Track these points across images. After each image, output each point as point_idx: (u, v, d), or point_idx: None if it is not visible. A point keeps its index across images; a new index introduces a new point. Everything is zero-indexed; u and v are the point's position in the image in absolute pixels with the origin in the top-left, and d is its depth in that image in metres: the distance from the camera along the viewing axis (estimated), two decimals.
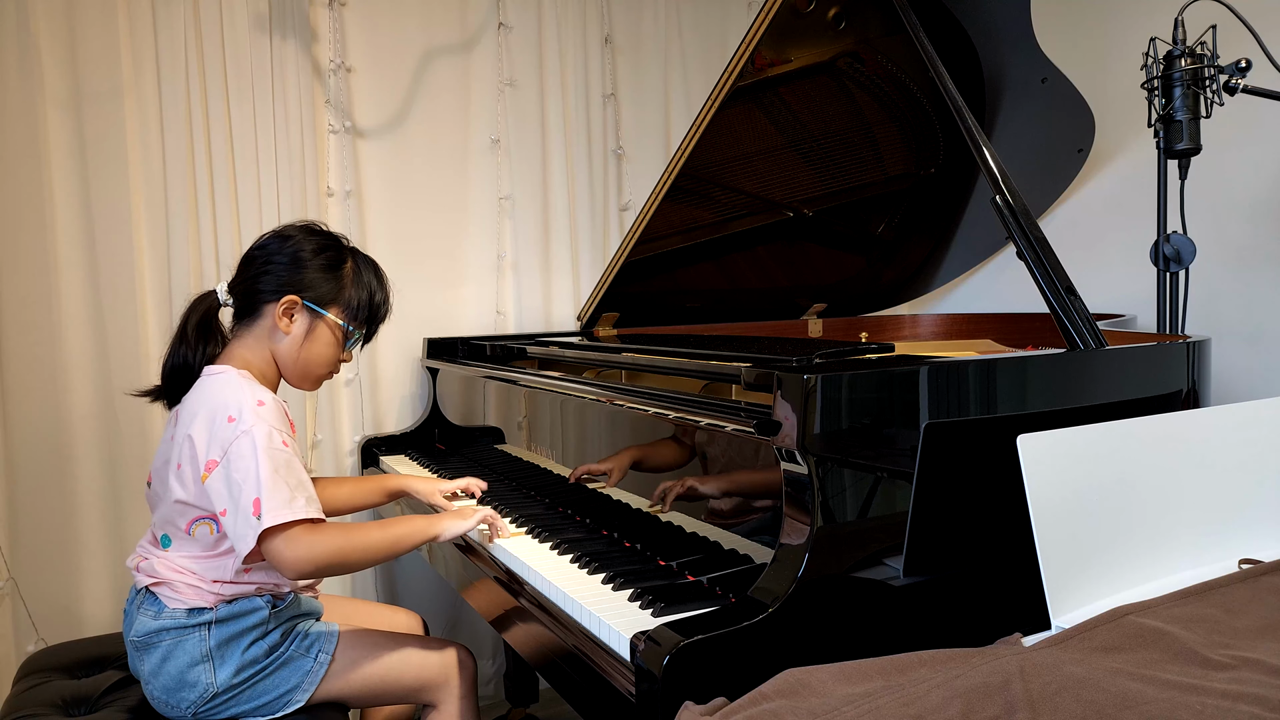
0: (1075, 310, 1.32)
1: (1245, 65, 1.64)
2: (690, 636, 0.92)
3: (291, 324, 1.35)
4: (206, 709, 1.29)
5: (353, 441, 2.32)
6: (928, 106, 1.99)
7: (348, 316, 1.39)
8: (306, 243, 1.36)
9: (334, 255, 1.38)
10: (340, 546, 1.25)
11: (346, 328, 1.39)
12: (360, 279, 1.40)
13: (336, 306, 1.38)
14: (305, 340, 1.36)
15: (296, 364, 1.37)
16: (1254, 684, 0.80)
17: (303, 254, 1.35)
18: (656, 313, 2.30)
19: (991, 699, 0.78)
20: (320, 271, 1.36)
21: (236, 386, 1.28)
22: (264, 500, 1.20)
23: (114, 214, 2.02)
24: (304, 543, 1.22)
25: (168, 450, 1.32)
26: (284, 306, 1.33)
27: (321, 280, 1.36)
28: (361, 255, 1.44)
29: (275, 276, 1.34)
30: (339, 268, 1.38)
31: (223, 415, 1.25)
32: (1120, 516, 1.10)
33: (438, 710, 1.43)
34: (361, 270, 1.41)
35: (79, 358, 1.98)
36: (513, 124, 2.50)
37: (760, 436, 1.07)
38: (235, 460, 1.22)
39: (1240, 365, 2.03)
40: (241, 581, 1.31)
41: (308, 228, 1.40)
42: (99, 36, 1.99)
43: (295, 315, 1.35)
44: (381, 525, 1.35)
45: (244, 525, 1.21)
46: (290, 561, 1.22)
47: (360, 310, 1.40)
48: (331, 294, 1.37)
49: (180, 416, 1.31)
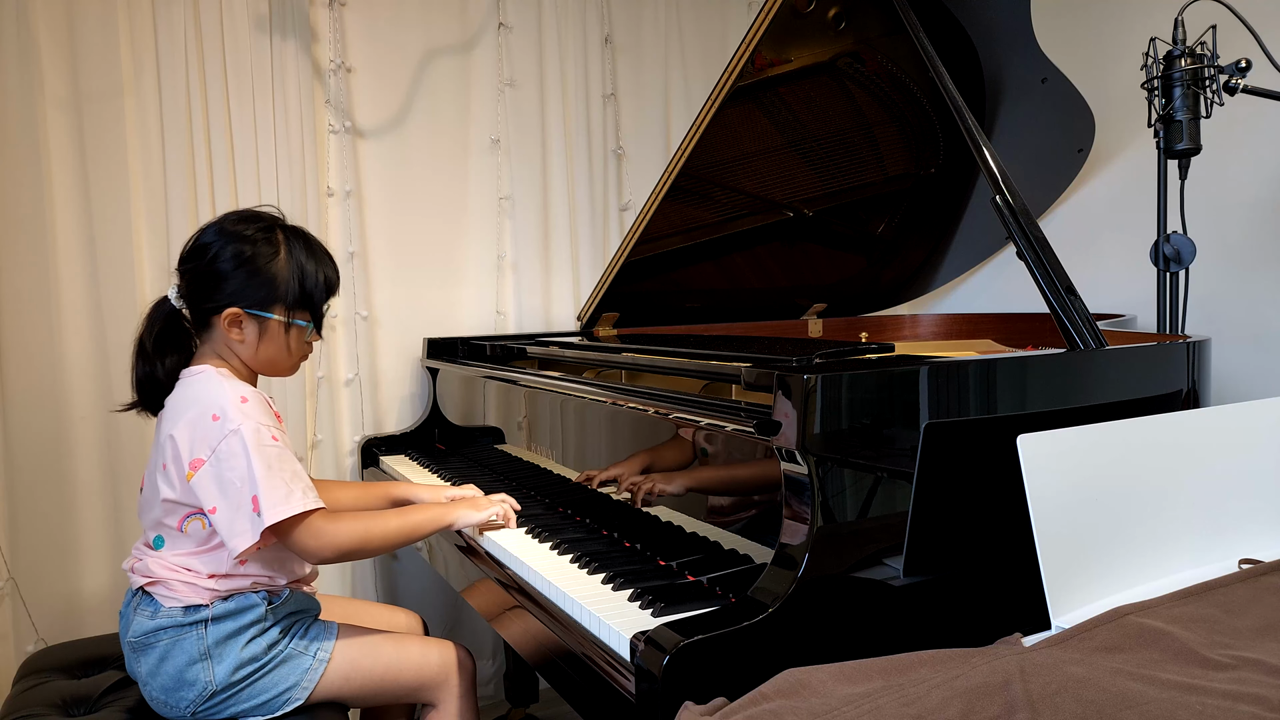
0: (1075, 310, 1.32)
1: (1245, 65, 1.64)
2: (690, 636, 0.92)
3: (242, 332, 1.33)
4: (206, 708, 1.29)
5: (353, 442, 2.32)
6: (928, 106, 1.99)
7: (288, 311, 1.35)
8: (228, 249, 1.31)
9: (257, 254, 1.32)
10: (361, 534, 1.32)
11: (293, 322, 1.36)
12: (291, 268, 1.34)
13: (277, 305, 1.34)
14: (260, 343, 1.35)
15: (260, 363, 1.38)
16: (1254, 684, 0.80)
17: (228, 264, 1.31)
18: (656, 313, 2.30)
19: (991, 699, 0.78)
20: (249, 278, 1.31)
21: (217, 384, 1.30)
22: (263, 498, 1.22)
23: (114, 214, 2.02)
24: (326, 531, 1.28)
25: (153, 452, 1.34)
26: (227, 319, 1.32)
27: (254, 286, 1.32)
28: (292, 237, 1.36)
29: (209, 290, 1.31)
30: (269, 266, 1.32)
31: (206, 414, 1.26)
32: (1120, 516, 1.10)
33: (437, 710, 1.43)
34: (292, 256, 1.35)
35: (79, 358, 1.98)
36: (513, 124, 2.50)
37: (760, 437, 1.07)
38: (226, 459, 1.24)
39: (1240, 365, 2.03)
40: (238, 574, 1.31)
41: (225, 231, 1.33)
42: (99, 36, 1.99)
43: (242, 323, 1.33)
44: (399, 513, 1.40)
45: (243, 522, 1.22)
46: (314, 550, 1.28)
47: (298, 299, 1.35)
48: (268, 295, 1.33)
49: (163, 418, 1.32)
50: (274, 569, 1.35)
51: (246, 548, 1.23)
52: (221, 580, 1.30)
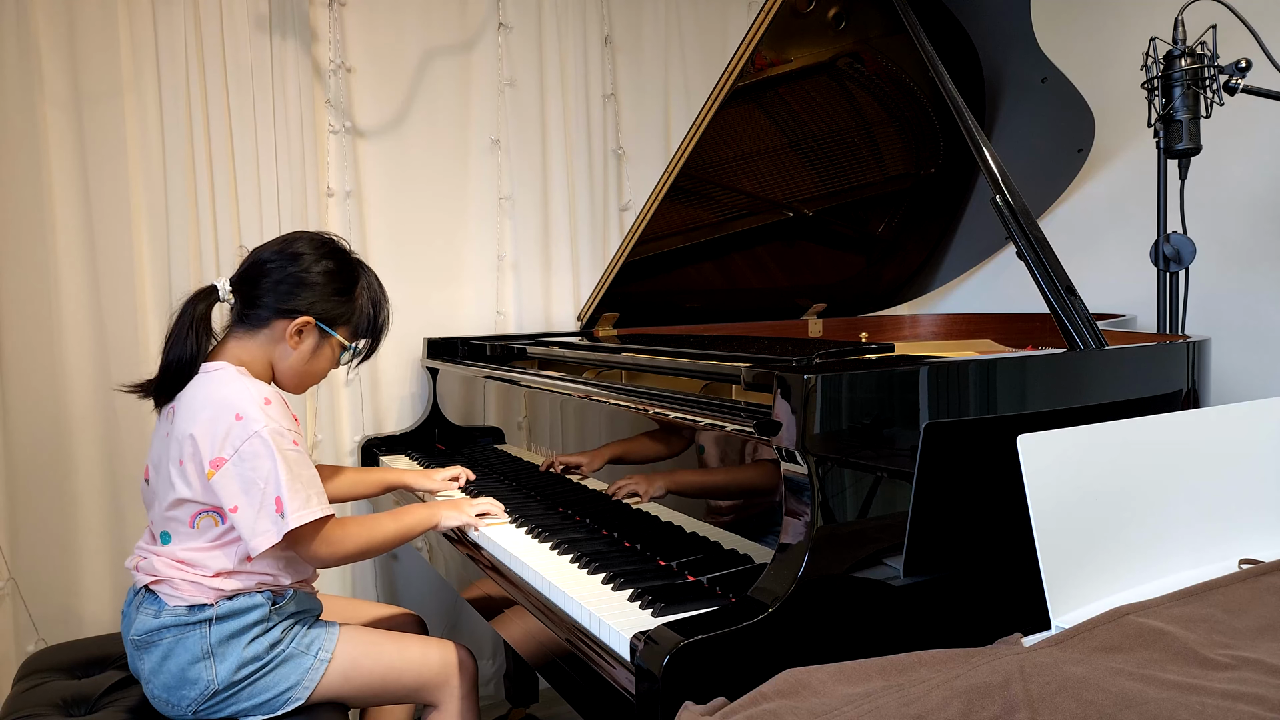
0: (1075, 310, 1.32)
1: (1245, 65, 1.64)
2: (690, 636, 0.92)
3: (301, 341, 1.38)
4: (207, 706, 1.29)
5: (353, 441, 2.32)
6: (928, 106, 1.99)
7: (352, 335, 1.44)
8: (322, 263, 1.38)
9: (348, 277, 1.42)
10: (365, 540, 1.38)
11: (351, 347, 1.45)
12: (370, 300, 1.45)
13: (345, 327, 1.43)
14: (312, 356, 1.40)
15: (296, 375, 1.41)
16: (1254, 684, 0.80)
17: (319, 277, 1.37)
18: (656, 313, 2.30)
19: (991, 699, 0.78)
20: (335, 295, 1.39)
21: (238, 383, 1.30)
22: (286, 501, 1.25)
23: (114, 214, 2.02)
24: (335, 538, 1.33)
25: (165, 447, 1.32)
26: (298, 326, 1.36)
27: (336, 304, 1.40)
28: (367, 271, 1.47)
29: (290, 294, 1.36)
30: (352, 290, 1.42)
31: (228, 413, 1.26)
32: (1120, 516, 1.10)
33: (438, 710, 1.43)
34: (369, 289, 1.45)
35: (79, 358, 1.98)
36: (513, 124, 2.50)
37: (760, 437, 1.07)
38: (250, 460, 1.25)
39: (1240, 365, 2.03)
40: (244, 571, 1.32)
41: (322, 245, 1.40)
42: (99, 36, 1.99)
43: (305, 333, 1.38)
44: (393, 516, 1.45)
45: (265, 522, 1.25)
46: (324, 555, 1.33)
47: (365, 329, 1.46)
48: (343, 316, 1.41)
49: (178, 413, 1.31)
50: (280, 568, 1.35)
51: (268, 547, 1.25)
52: (227, 579, 1.31)
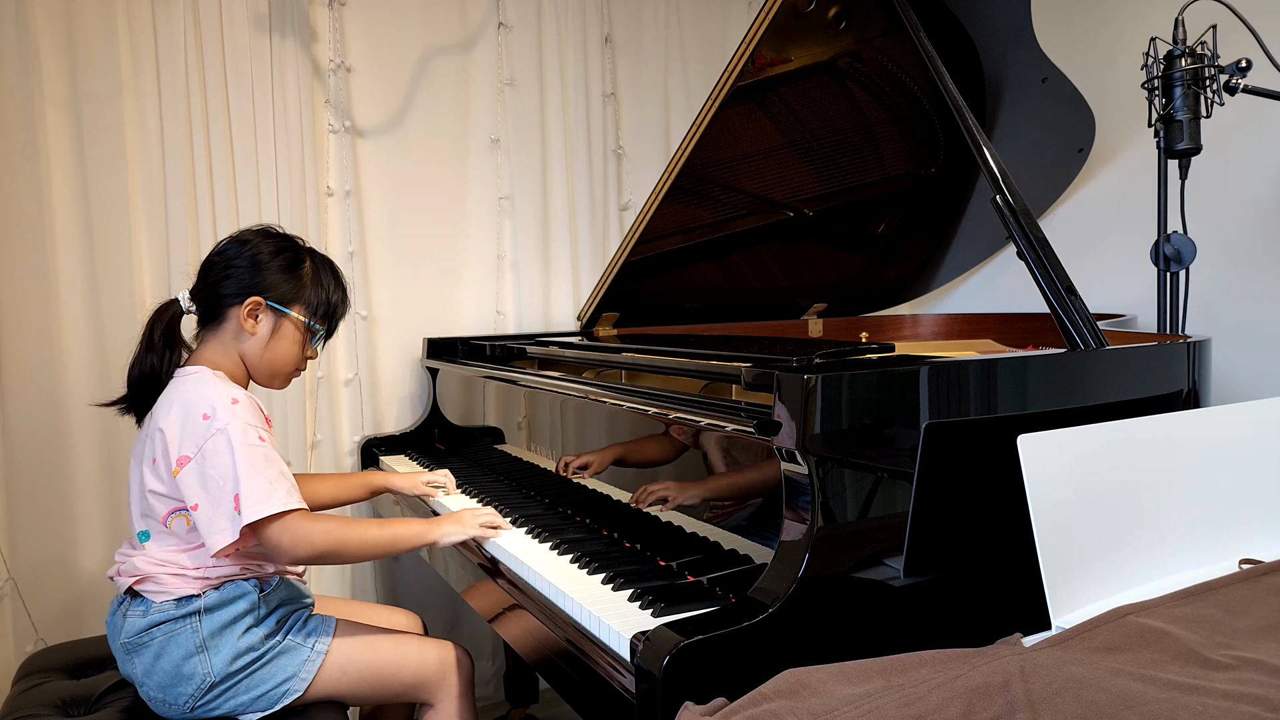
0: (1075, 310, 1.32)
1: (1245, 65, 1.64)
2: (690, 637, 0.92)
3: (256, 324, 1.38)
4: (204, 701, 1.29)
5: (352, 442, 2.32)
6: (928, 106, 1.99)
7: (309, 314, 1.43)
8: (264, 245, 1.40)
9: (292, 256, 1.42)
10: (337, 537, 1.31)
11: (310, 324, 1.43)
12: (319, 278, 1.44)
13: (299, 304, 1.41)
14: (271, 339, 1.40)
15: (263, 362, 1.41)
16: (1255, 684, 0.80)
17: (261, 256, 1.38)
18: (656, 313, 2.30)
19: (992, 699, 0.78)
20: (280, 272, 1.39)
21: (211, 384, 1.32)
22: (243, 496, 1.24)
23: (113, 213, 2.02)
24: (301, 529, 1.27)
25: (141, 446, 1.35)
26: (248, 308, 1.37)
27: (282, 280, 1.39)
28: (318, 255, 1.47)
29: (236, 280, 1.37)
30: (298, 268, 1.42)
31: (196, 411, 1.28)
32: (1120, 516, 1.10)
33: (434, 709, 1.43)
34: (319, 269, 1.45)
35: (78, 358, 1.98)
36: (513, 124, 2.50)
37: (760, 437, 1.07)
38: (211, 457, 1.25)
39: (1240, 365, 2.03)
40: (225, 564, 1.32)
41: (264, 231, 1.43)
42: (98, 36, 1.99)
43: (260, 315, 1.38)
44: (381, 523, 1.41)
45: (223, 520, 1.24)
46: (287, 547, 1.27)
47: (320, 307, 1.44)
48: (293, 293, 1.40)
49: (155, 412, 1.34)
50: (260, 559, 1.36)
51: (225, 546, 1.25)
52: (210, 569, 1.31)
